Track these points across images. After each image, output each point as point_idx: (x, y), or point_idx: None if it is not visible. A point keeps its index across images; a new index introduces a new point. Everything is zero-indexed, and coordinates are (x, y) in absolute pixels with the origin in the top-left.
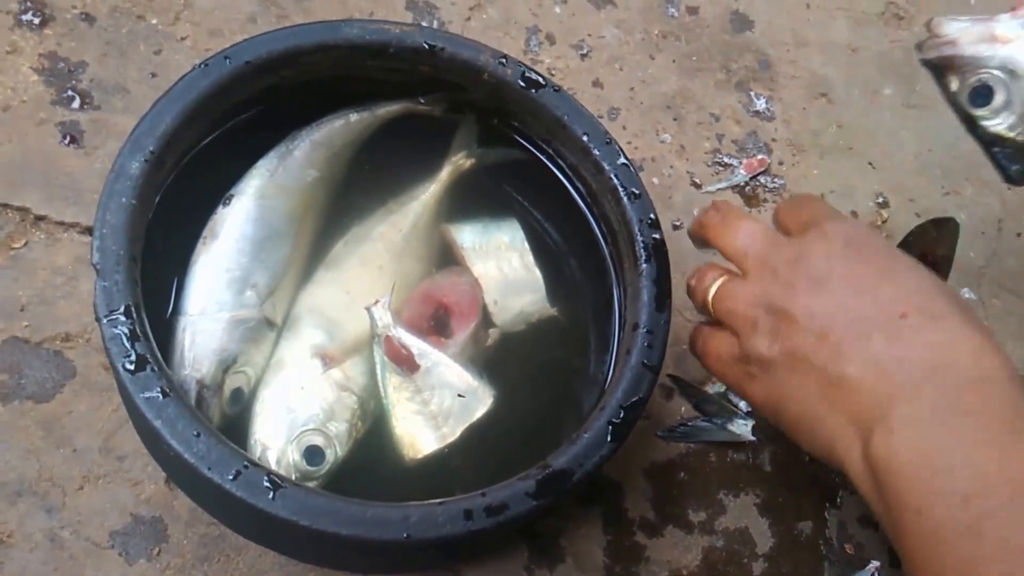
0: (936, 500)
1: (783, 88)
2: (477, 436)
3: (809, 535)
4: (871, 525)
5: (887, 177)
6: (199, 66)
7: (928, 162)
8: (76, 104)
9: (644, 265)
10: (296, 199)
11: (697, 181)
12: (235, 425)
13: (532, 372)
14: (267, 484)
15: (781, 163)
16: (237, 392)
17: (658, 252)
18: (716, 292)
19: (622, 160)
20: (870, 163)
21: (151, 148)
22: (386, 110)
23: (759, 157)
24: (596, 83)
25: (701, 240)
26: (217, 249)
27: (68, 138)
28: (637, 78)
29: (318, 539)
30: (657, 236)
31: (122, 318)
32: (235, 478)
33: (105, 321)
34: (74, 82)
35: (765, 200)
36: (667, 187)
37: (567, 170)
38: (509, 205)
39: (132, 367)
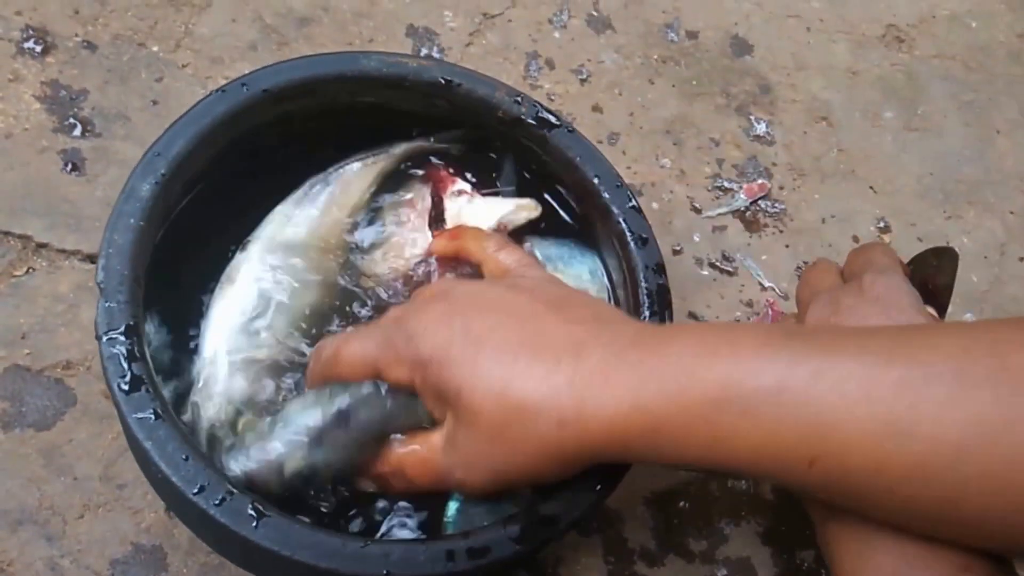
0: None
1: (783, 112)
2: None
3: (811, 565)
4: None
5: (888, 201)
6: (216, 92)
7: (930, 186)
8: (78, 132)
9: (646, 313)
10: (315, 244)
11: (697, 206)
12: None
13: None
14: (251, 512)
15: (782, 187)
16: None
17: (661, 300)
18: None
19: (632, 204)
20: (871, 187)
21: (162, 171)
22: (403, 149)
23: (760, 182)
24: (595, 108)
25: None
26: (233, 295)
27: (70, 166)
28: (637, 103)
29: (299, 570)
30: (662, 282)
31: (121, 338)
32: (220, 504)
33: (104, 340)
34: (76, 110)
35: (766, 225)
36: (667, 212)
37: (576, 212)
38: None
39: (127, 387)
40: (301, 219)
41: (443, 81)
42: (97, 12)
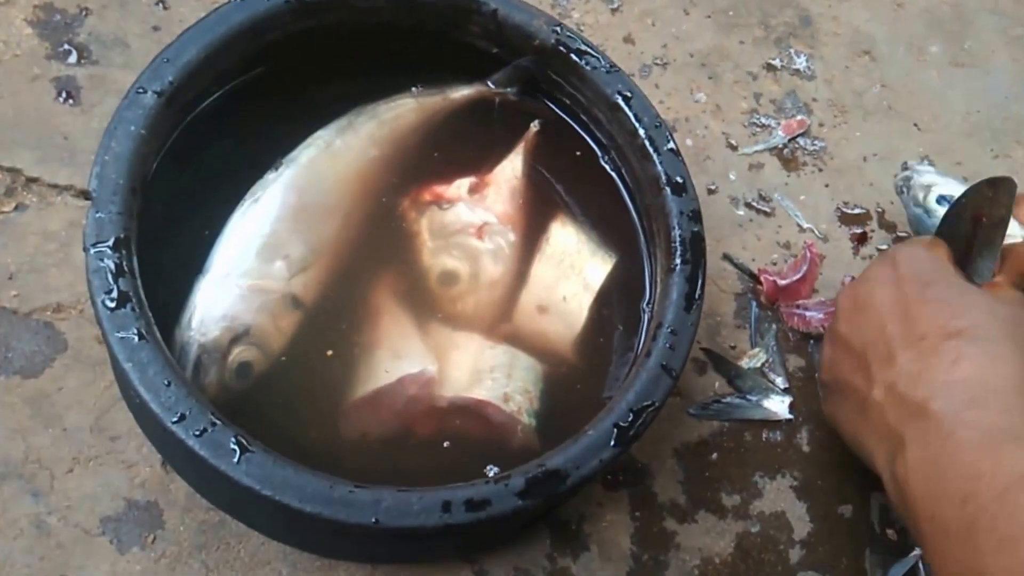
0: (942, 504)
1: (824, 46)
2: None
3: (849, 520)
4: None
5: (933, 139)
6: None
7: (977, 124)
8: (73, 59)
9: (678, 261)
10: (351, 176)
11: (733, 143)
12: (240, 404)
13: None
14: (233, 446)
15: (822, 125)
16: (244, 367)
17: (695, 248)
18: None
19: (670, 146)
20: (915, 125)
21: (170, 79)
22: (460, 94)
23: (798, 118)
24: (627, 39)
25: None
26: (255, 213)
27: (64, 95)
28: (671, 34)
29: (282, 514)
30: (696, 230)
31: (109, 251)
32: (200, 435)
33: (92, 252)
34: (71, 35)
35: (804, 163)
36: (701, 149)
37: (612, 153)
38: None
39: (112, 304)
40: (341, 148)
41: (478, 4)
42: None
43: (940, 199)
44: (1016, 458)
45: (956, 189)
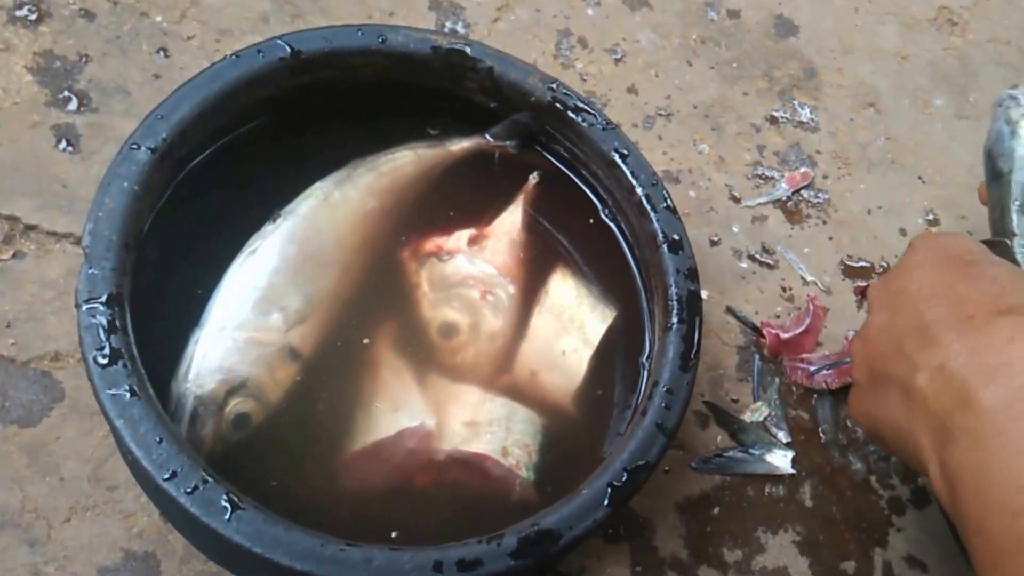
0: (991, 516)
1: (828, 97)
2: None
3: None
4: (918, 565)
5: (938, 193)
6: (230, 56)
7: (981, 177)
8: (73, 106)
9: (675, 319)
10: (350, 228)
11: (736, 194)
12: (237, 455)
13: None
14: (225, 503)
15: (826, 177)
16: (241, 418)
17: (691, 307)
18: None
19: (666, 204)
20: (920, 178)
21: (163, 135)
22: (459, 146)
23: (802, 170)
24: (631, 90)
25: None
26: (252, 265)
27: (63, 142)
28: (674, 85)
29: (273, 570)
30: (692, 288)
31: (102, 307)
32: (192, 492)
33: (84, 308)
34: (71, 82)
35: (808, 216)
36: (704, 200)
37: (611, 207)
38: (551, 248)
39: (104, 361)
40: (339, 200)
41: (473, 61)
42: None
43: None
44: None
45: None
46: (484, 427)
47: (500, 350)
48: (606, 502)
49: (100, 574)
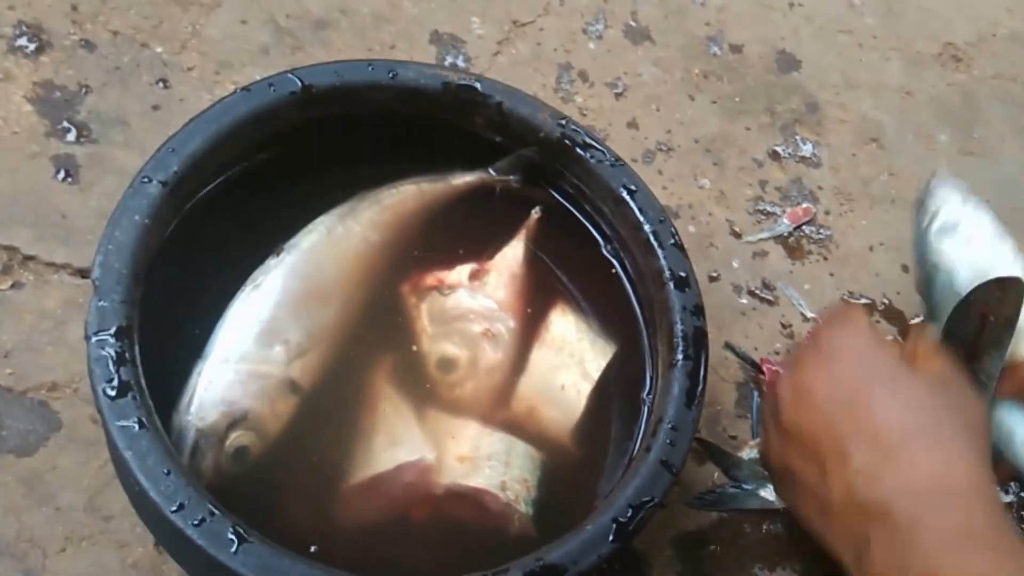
0: None
1: (831, 133)
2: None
3: None
4: None
5: None
6: (240, 90)
7: None
8: (72, 136)
9: (680, 356)
10: (352, 262)
11: (737, 230)
12: (237, 488)
13: None
14: (231, 535)
15: (828, 212)
16: (241, 451)
17: (697, 343)
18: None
19: (674, 241)
20: None
21: (175, 168)
22: (462, 180)
23: (804, 206)
24: (631, 123)
25: None
26: (256, 299)
27: (62, 173)
28: (675, 119)
29: None
30: (699, 325)
31: (111, 339)
32: (199, 524)
33: (93, 340)
34: (70, 113)
35: (809, 252)
36: (705, 236)
37: (615, 243)
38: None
39: (113, 393)
40: (342, 234)
41: (483, 97)
42: (97, 8)
43: (941, 231)
44: (976, 562)
45: (968, 227)
46: (483, 461)
47: (499, 384)
48: (611, 538)
49: None
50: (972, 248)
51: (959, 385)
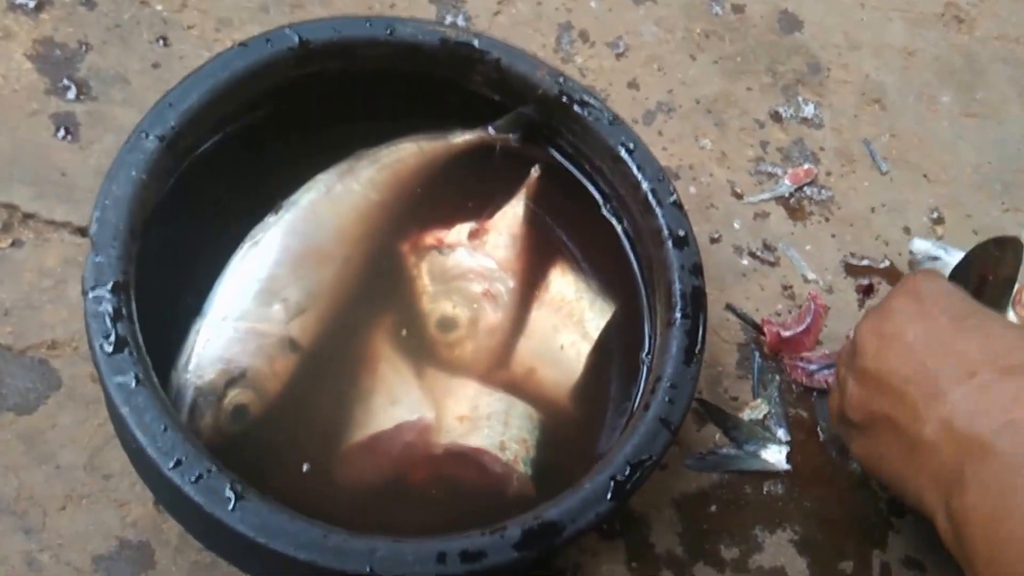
0: (1005, 549)
1: (833, 93)
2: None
3: None
4: (917, 567)
5: (943, 191)
6: (238, 45)
7: (988, 176)
8: (72, 94)
9: (678, 314)
10: (351, 220)
11: (738, 191)
12: (235, 447)
13: None
14: (229, 492)
15: (829, 174)
16: (240, 409)
17: (696, 302)
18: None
19: (673, 199)
20: (925, 176)
21: (172, 123)
22: (461, 139)
23: (806, 167)
24: (632, 84)
25: None
26: (254, 256)
27: (62, 131)
28: (677, 79)
29: (277, 561)
30: (697, 284)
31: (108, 295)
32: (196, 481)
33: (90, 296)
34: (71, 71)
35: (811, 213)
36: (705, 196)
37: (614, 202)
38: (551, 242)
39: (110, 348)
40: (341, 192)
41: (481, 54)
42: None
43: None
44: None
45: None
46: (482, 421)
47: (499, 344)
48: (609, 496)
49: (95, 562)
50: None
51: None
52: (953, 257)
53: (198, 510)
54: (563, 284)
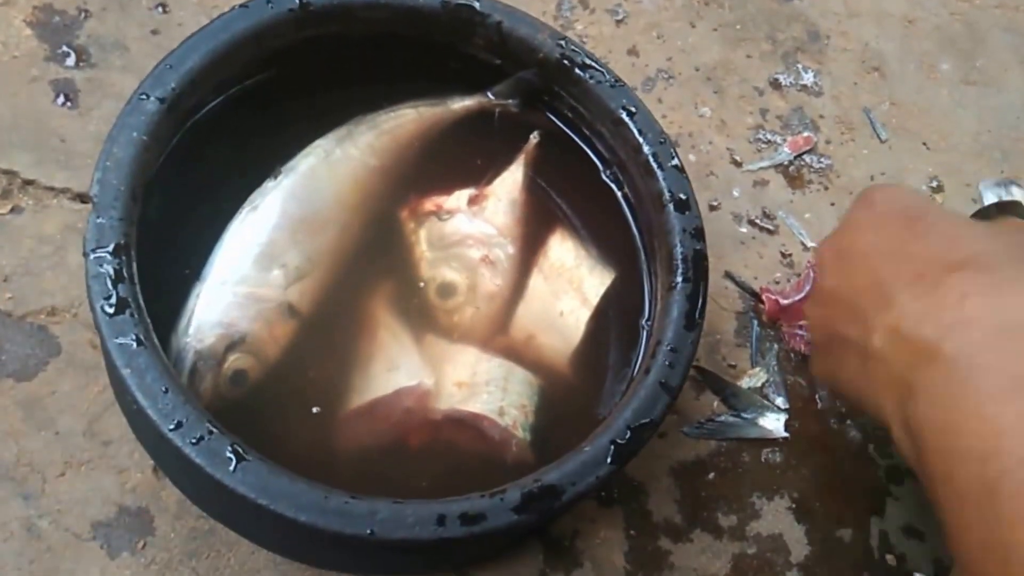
0: (958, 463)
1: (833, 61)
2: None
3: (848, 544)
4: (916, 536)
5: (942, 159)
6: (239, 7)
7: (987, 144)
8: (71, 61)
9: (679, 279)
10: (350, 186)
11: (737, 158)
12: (235, 411)
13: None
14: (229, 454)
15: (828, 142)
16: (239, 374)
17: (697, 266)
18: None
19: (674, 162)
20: (924, 144)
21: (173, 85)
22: (460, 105)
23: (805, 135)
24: (632, 51)
25: None
26: (253, 221)
27: (61, 97)
28: (676, 47)
29: (277, 524)
30: (699, 248)
31: (109, 256)
32: (197, 443)
33: (92, 257)
34: (70, 37)
35: (810, 181)
36: (705, 164)
37: (614, 167)
38: (550, 209)
39: (111, 310)
40: (340, 158)
41: (482, 16)
42: None
43: None
44: None
45: None
46: (481, 387)
47: (498, 310)
48: (609, 459)
49: (94, 528)
50: None
51: (1010, 223)
52: None
53: (199, 472)
54: (563, 250)
